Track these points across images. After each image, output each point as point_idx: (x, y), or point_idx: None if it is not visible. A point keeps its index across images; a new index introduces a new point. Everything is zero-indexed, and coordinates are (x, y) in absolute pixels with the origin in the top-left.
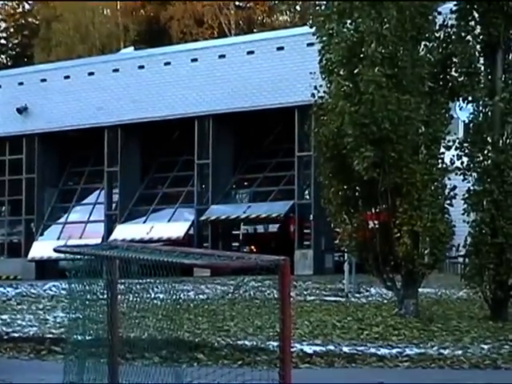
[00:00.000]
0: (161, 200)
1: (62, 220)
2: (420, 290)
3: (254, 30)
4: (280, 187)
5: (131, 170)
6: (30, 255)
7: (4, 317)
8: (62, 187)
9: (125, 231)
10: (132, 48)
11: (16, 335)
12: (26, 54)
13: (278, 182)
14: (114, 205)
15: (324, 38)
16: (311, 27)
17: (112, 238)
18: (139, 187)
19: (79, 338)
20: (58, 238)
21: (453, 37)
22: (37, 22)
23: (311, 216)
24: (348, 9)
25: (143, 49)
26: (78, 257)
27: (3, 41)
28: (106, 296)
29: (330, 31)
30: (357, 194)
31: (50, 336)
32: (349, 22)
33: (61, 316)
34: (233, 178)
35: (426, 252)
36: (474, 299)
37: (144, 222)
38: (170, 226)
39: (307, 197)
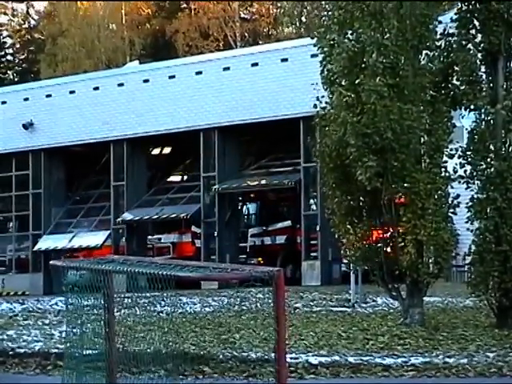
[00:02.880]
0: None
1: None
2: (426, 298)
3: (260, 42)
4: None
5: (138, 184)
6: (37, 247)
7: (10, 332)
8: (70, 202)
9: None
10: (137, 62)
11: (22, 351)
12: (32, 69)
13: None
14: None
15: (325, 49)
16: (312, 38)
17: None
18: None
19: (77, 352)
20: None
21: (454, 45)
22: (43, 38)
23: (317, 227)
24: (349, 19)
25: (149, 62)
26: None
27: (10, 57)
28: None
29: (331, 42)
30: (360, 204)
31: (56, 351)
32: (349, 32)
33: (72, 331)
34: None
35: (430, 261)
36: (479, 307)
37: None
38: None
39: (313, 207)
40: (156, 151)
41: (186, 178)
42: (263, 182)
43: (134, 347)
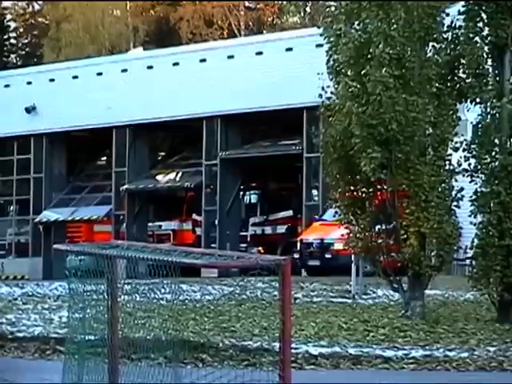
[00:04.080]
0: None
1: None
2: (427, 291)
3: (264, 32)
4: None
5: (139, 170)
6: (38, 219)
7: (9, 316)
8: (70, 187)
9: None
10: (141, 48)
11: (21, 335)
12: (35, 53)
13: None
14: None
15: (331, 39)
16: (319, 28)
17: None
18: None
19: (79, 337)
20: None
21: (461, 38)
22: (46, 22)
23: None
24: (356, 9)
25: (152, 49)
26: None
27: (13, 40)
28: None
29: (338, 32)
30: (364, 195)
31: (55, 336)
32: (356, 22)
33: (66, 316)
34: (241, 179)
35: (432, 254)
36: (481, 301)
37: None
38: None
39: (315, 198)
40: (159, 138)
41: (185, 163)
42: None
43: (134, 334)
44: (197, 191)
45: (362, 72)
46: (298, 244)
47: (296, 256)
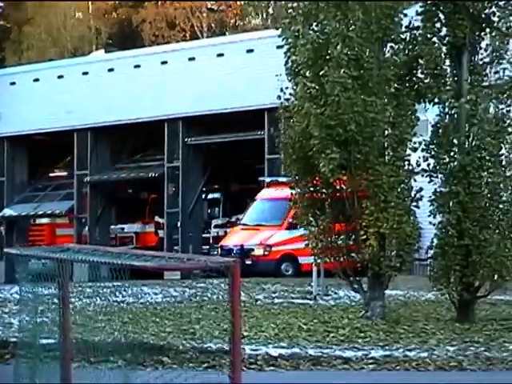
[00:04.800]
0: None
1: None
2: (389, 292)
3: (227, 33)
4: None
5: (101, 173)
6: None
7: None
8: (31, 190)
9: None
10: (103, 51)
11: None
12: None
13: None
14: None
15: (290, 40)
16: (277, 29)
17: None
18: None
19: (31, 341)
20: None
21: (419, 38)
22: (8, 25)
23: None
24: (314, 10)
25: (114, 51)
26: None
27: None
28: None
29: (296, 33)
30: (323, 196)
31: (14, 340)
32: (314, 23)
33: (26, 320)
34: (203, 181)
35: (392, 254)
36: (441, 301)
37: None
38: None
39: None
40: (120, 140)
41: (146, 164)
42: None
43: (94, 337)
44: (159, 193)
45: (321, 73)
46: (219, 250)
47: None
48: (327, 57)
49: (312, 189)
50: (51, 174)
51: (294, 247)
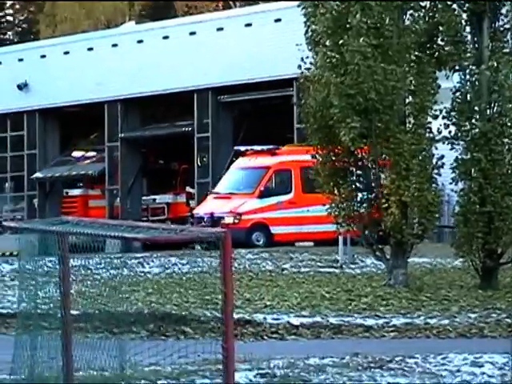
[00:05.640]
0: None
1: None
2: (415, 259)
3: (259, 3)
4: None
5: (132, 145)
6: (34, 176)
7: None
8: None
9: None
10: (133, 23)
11: (4, 311)
12: (31, 30)
13: None
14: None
15: (309, 9)
16: None
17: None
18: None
19: (31, 313)
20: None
21: (439, 6)
22: None
23: None
24: None
25: (145, 23)
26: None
27: (10, 17)
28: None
29: (316, 2)
30: (345, 164)
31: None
32: None
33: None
34: (232, 152)
35: (414, 222)
36: (467, 268)
37: None
38: None
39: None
40: (150, 112)
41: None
42: None
43: (117, 308)
44: (190, 163)
45: (340, 42)
46: (190, 218)
47: None
48: (347, 26)
49: (334, 158)
50: (81, 147)
51: (266, 216)
